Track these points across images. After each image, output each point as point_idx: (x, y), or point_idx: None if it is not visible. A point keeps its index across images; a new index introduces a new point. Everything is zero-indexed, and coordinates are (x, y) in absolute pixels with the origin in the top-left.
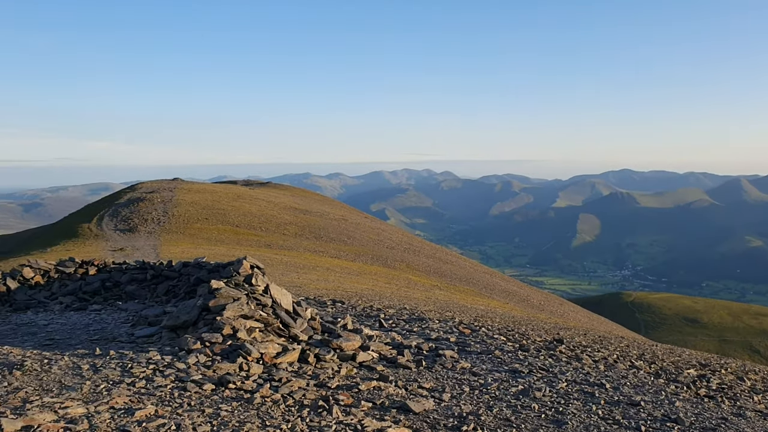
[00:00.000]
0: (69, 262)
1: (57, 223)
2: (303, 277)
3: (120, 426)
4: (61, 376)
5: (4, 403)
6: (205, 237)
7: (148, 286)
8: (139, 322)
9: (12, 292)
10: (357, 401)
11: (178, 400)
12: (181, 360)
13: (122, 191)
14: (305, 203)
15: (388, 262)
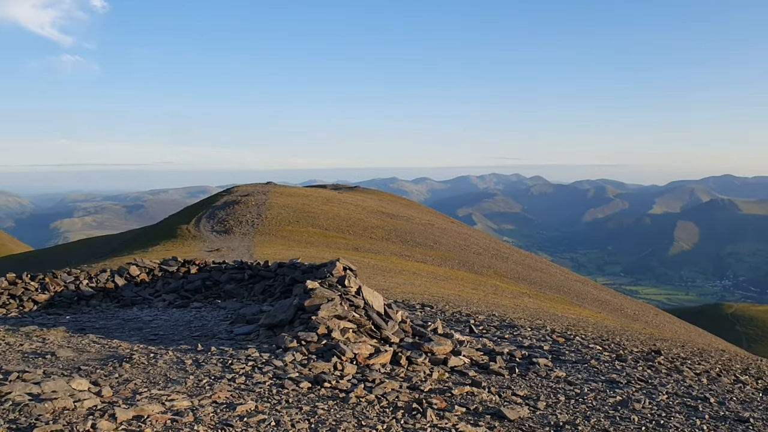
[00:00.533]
0: (172, 261)
1: (157, 224)
2: (389, 281)
3: (223, 420)
4: (167, 370)
5: (116, 394)
6: (295, 239)
7: (246, 285)
8: (238, 319)
9: (119, 288)
10: (450, 405)
11: (276, 396)
12: (279, 358)
13: (219, 194)
14: (392, 207)
15: (475, 268)
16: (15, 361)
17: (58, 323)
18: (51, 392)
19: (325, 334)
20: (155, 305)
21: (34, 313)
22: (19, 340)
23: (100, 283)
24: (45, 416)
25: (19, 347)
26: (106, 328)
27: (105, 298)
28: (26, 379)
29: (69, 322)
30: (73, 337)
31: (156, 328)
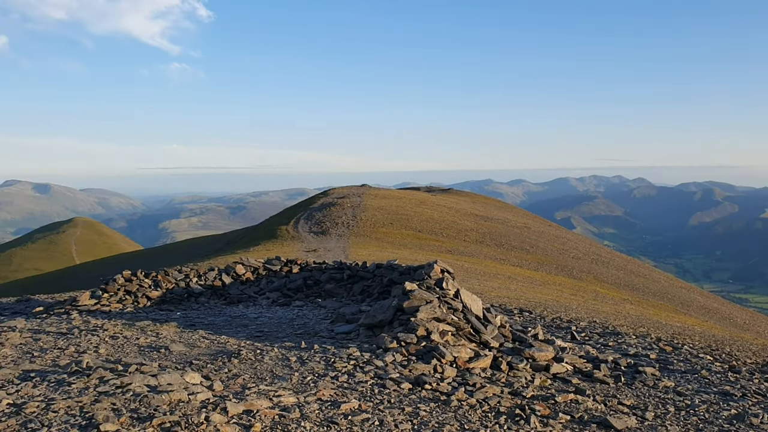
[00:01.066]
0: (275, 260)
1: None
2: (484, 284)
3: (328, 417)
4: (273, 366)
5: (226, 388)
6: (389, 241)
7: (345, 285)
8: (338, 319)
9: (226, 286)
10: (554, 413)
11: (378, 396)
12: (379, 358)
13: (316, 196)
14: (486, 210)
15: (573, 273)
16: (132, 353)
17: (170, 319)
18: (167, 384)
19: (425, 336)
20: (260, 303)
21: (148, 308)
22: (136, 334)
23: (208, 281)
24: (162, 407)
25: (135, 341)
26: (214, 324)
27: (213, 296)
28: (144, 371)
29: (180, 318)
30: (184, 333)
31: (261, 326)
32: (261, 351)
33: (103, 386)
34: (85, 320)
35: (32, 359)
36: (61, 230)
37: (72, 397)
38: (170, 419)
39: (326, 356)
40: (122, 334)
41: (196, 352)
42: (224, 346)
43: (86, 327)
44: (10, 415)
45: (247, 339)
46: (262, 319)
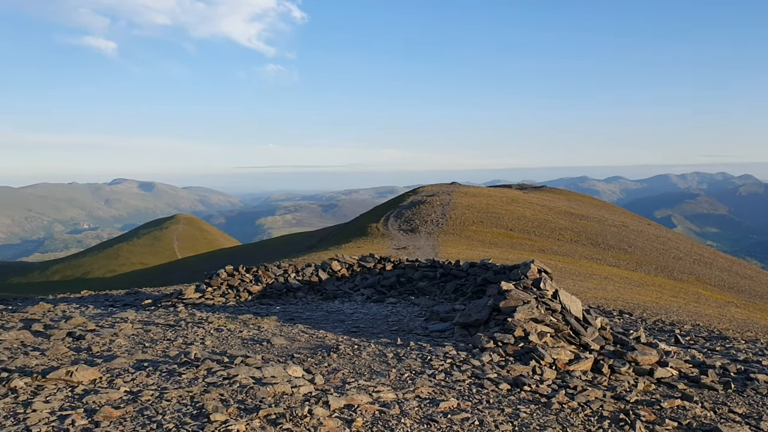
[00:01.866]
0: (369, 257)
1: (350, 223)
2: (579, 285)
3: (427, 415)
4: (370, 362)
5: (327, 382)
6: (479, 239)
7: (438, 283)
8: (432, 317)
9: (323, 282)
10: (660, 419)
11: (476, 396)
12: (476, 357)
13: (406, 194)
14: (581, 208)
15: (674, 274)
16: (236, 346)
17: (270, 313)
18: (270, 377)
19: (522, 337)
20: (354, 299)
21: (249, 302)
22: (239, 327)
23: (306, 277)
24: (267, 399)
25: (239, 334)
26: (312, 319)
27: (310, 291)
28: (249, 363)
29: (279, 312)
30: (284, 326)
31: (357, 321)
32: (358, 346)
33: (211, 377)
34: (190, 313)
35: (144, 349)
36: (164, 226)
37: (183, 387)
38: (275, 411)
39: (422, 354)
40: (226, 326)
41: (297, 346)
42: (323, 340)
43: (192, 319)
44: (127, 402)
45: (344, 334)
46: (357, 315)
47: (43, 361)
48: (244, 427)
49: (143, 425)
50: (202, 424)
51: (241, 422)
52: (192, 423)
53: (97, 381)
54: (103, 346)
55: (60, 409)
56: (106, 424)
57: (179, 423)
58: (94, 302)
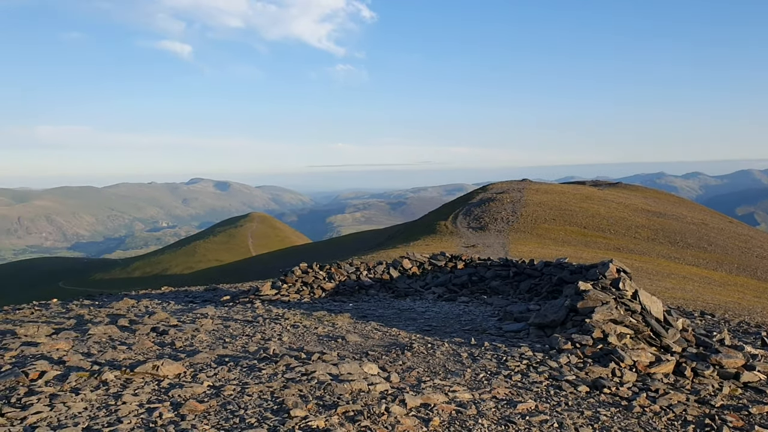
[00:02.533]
0: (440, 256)
1: (418, 220)
2: (656, 285)
3: (504, 416)
4: (444, 361)
5: (402, 380)
6: (551, 237)
7: (511, 282)
8: (506, 317)
9: (394, 280)
10: (749, 425)
11: (554, 398)
12: (553, 359)
13: (475, 192)
14: (659, 205)
15: (757, 273)
16: (312, 342)
17: (343, 310)
18: (347, 374)
19: (601, 338)
20: (425, 297)
21: (323, 299)
22: (314, 323)
23: (377, 274)
24: (345, 396)
25: (314, 330)
26: (384, 316)
27: (381, 289)
28: (325, 360)
29: (352, 310)
30: (357, 324)
31: (429, 320)
32: (432, 345)
33: (290, 373)
34: (267, 309)
35: (224, 345)
36: (238, 224)
37: (263, 382)
38: (353, 408)
39: (497, 354)
40: (302, 323)
41: (371, 343)
42: (396, 338)
43: (269, 315)
44: (211, 396)
45: (416, 332)
46: (429, 314)
47: (130, 355)
48: (324, 423)
49: (226, 419)
50: (282, 420)
51: (320, 418)
52: (273, 418)
53: (182, 375)
54: (185, 341)
55: (148, 402)
56: (192, 418)
57: (261, 418)
58: (174, 298)
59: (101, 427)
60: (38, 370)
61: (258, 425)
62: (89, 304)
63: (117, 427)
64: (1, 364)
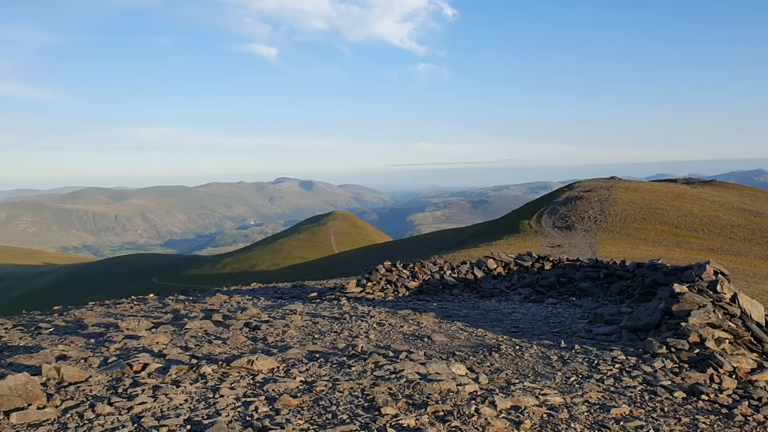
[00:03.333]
0: (526, 256)
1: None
2: (754, 287)
3: (598, 421)
4: (534, 364)
5: (491, 382)
6: (641, 237)
7: (601, 284)
8: (596, 319)
9: (478, 280)
10: None
11: (649, 403)
12: (647, 363)
13: (560, 190)
14: (756, 204)
15: None
16: (399, 341)
17: (427, 309)
18: (435, 374)
19: (697, 342)
20: (511, 298)
21: (407, 298)
22: (399, 322)
23: (461, 274)
24: (434, 396)
25: (399, 328)
26: (469, 317)
27: (466, 288)
28: (413, 359)
29: (437, 309)
30: (442, 323)
31: (515, 321)
32: (520, 347)
33: (379, 371)
34: (353, 306)
35: (314, 341)
36: (322, 222)
37: (353, 379)
38: (443, 408)
39: (588, 357)
40: (387, 321)
41: (457, 344)
42: (482, 339)
43: (355, 313)
44: (303, 392)
45: (503, 334)
46: (516, 315)
47: (225, 349)
48: (414, 422)
49: (319, 415)
50: (373, 417)
51: (411, 417)
52: (364, 415)
53: (275, 370)
54: (276, 336)
55: (244, 395)
56: (286, 412)
57: (353, 414)
58: (264, 294)
59: (201, 419)
60: (141, 363)
61: (350, 421)
62: (184, 299)
63: (216, 420)
64: (107, 356)
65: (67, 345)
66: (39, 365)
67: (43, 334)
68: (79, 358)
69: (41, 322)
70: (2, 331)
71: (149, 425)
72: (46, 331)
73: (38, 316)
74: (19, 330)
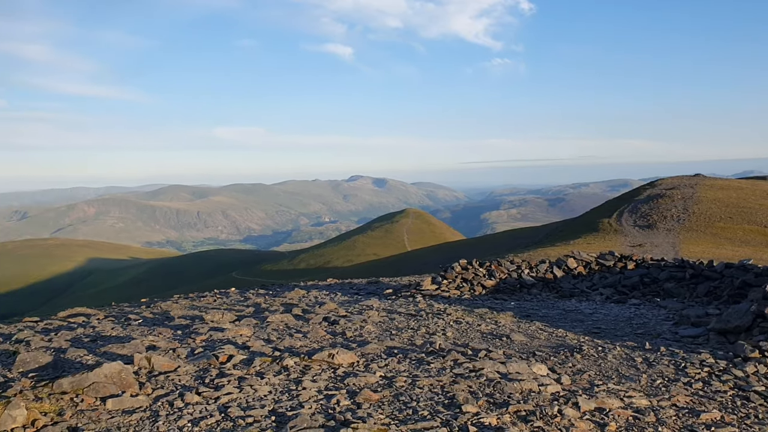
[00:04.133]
0: (608, 255)
1: (578, 218)
2: None
3: (687, 425)
4: (617, 365)
5: (574, 383)
6: (727, 237)
7: (687, 285)
8: (682, 321)
9: (558, 279)
10: None
11: (742, 409)
12: (738, 367)
13: (641, 188)
14: None
15: None
16: (477, 339)
17: (505, 308)
18: (516, 373)
19: None
20: (592, 298)
21: (483, 296)
22: (476, 320)
23: (539, 273)
24: (515, 395)
25: (477, 327)
26: (548, 317)
27: (544, 288)
28: (492, 358)
29: (515, 308)
30: (521, 323)
31: (597, 322)
32: (603, 348)
33: (458, 368)
34: (429, 304)
35: (391, 337)
36: (394, 220)
37: (432, 376)
38: (525, 408)
39: (675, 360)
40: (464, 319)
41: (537, 344)
42: (563, 339)
43: (431, 310)
44: (383, 387)
45: (584, 334)
46: (597, 315)
47: (305, 342)
48: (496, 421)
49: (400, 410)
50: (454, 414)
51: (492, 416)
52: (445, 412)
53: (355, 364)
54: (354, 331)
55: (325, 388)
56: (367, 407)
57: (433, 411)
58: (340, 290)
59: (285, 411)
60: (226, 354)
61: (431, 418)
62: (264, 293)
63: (299, 412)
64: (194, 347)
65: (156, 336)
66: (131, 354)
67: (132, 325)
68: (167, 349)
69: (130, 313)
70: (95, 322)
71: (236, 415)
72: (135, 322)
73: (127, 307)
74: (110, 321)
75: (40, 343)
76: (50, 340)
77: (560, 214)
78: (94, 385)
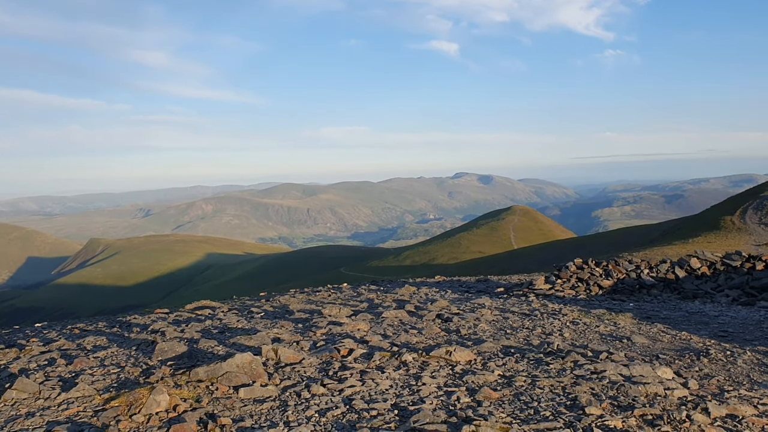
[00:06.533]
0: (735, 255)
1: (697, 215)
2: None
3: None
4: (748, 371)
5: (702, 388)
6: None
7: None
8: None
9: (680, 280)
10: None
11: None
12: None
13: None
14: None
15: None
16: (596, 341)
17: (623, 309)
18: (639, 376)
19: None
20: (717, 300)
21: (600, 297)
22: (594, 321)
23: (660, 273)
24: (640, 399)
25: (595, 328)
26: (670, 318)
27: (665, 289)
28: (614, 360)
29: (634, 309)
30: (641, 325)
31: (723, 325)
32: (731, 353)
33: (579, 370)
34: (542, 303)
35: (507, 336)
36: (501, 217)
37: (552, 377)
38: (651, 412)
39: None
40: (581, 320)
41: (660, 346)
42: (688, 342)
43: (545, 310)
44: (503, 386)
45: (710, 338)
46: (723, 318)
47: (421, 339)
48: (621, 424)
49: (521, 410)
50: (578, 416)
51: (617, 418)
52: (567, 413)
53: (473, 362)
54: (469, 329)
55: (445, 385)
56: (487, 404)
57: (555, 412)
58: (450, 287)
59: (407, 405)
60: (347, 348)
61: (553, 419)
62: (375, 289)
63: (421, 407)
64: (316, 340)
65: (279, 329)
66: (258, 346)
67: (255, 318)
68: (291, 341)
69: (252, 306)
70: (220, 314)
71: (360, 408)
72: (257, 315)
73: (248, 301)
74: (234, 313)
75: (173, 333)
76: (182, 331)
77: (677, 212)
78: (227, 374)
